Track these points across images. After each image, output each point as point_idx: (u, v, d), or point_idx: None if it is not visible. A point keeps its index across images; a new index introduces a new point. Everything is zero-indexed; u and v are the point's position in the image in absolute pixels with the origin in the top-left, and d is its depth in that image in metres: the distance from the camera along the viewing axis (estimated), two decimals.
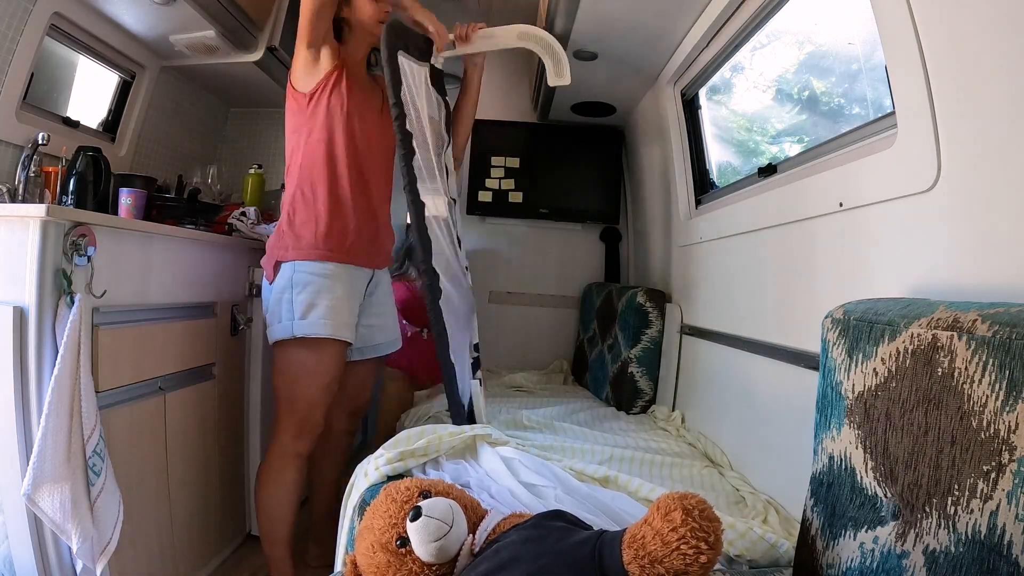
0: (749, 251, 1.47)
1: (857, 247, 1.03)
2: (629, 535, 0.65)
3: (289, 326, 1.41)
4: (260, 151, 2.61)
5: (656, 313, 1.94)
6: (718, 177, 1.91)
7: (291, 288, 1.42)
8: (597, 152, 2.62)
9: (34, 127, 1.63)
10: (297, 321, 1.41)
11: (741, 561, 0.94)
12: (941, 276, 0.83)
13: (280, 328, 1.43)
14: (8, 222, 1.08)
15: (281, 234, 1.46)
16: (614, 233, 2.69)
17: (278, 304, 1.43)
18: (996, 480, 0.52)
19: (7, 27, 1.52)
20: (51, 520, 1.02)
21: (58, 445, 1.02)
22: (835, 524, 0.74)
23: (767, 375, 1.31)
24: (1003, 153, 0.73)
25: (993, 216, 0.75)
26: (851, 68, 1.35)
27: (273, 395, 1.50)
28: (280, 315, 1.43)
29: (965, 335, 0.58)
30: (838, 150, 1.17)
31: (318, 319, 1.41)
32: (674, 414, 1.80)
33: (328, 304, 1.42)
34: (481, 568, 0.71)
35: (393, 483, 0.86)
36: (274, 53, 2.11)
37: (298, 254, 1.43)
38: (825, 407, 0.78)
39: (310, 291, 1.41)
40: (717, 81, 1.84)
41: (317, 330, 1.41)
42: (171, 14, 1.81)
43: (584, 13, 1.58)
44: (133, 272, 1.31)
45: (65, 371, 1.03)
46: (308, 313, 1.41)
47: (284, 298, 1.42)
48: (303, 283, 1.42)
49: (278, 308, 1.43)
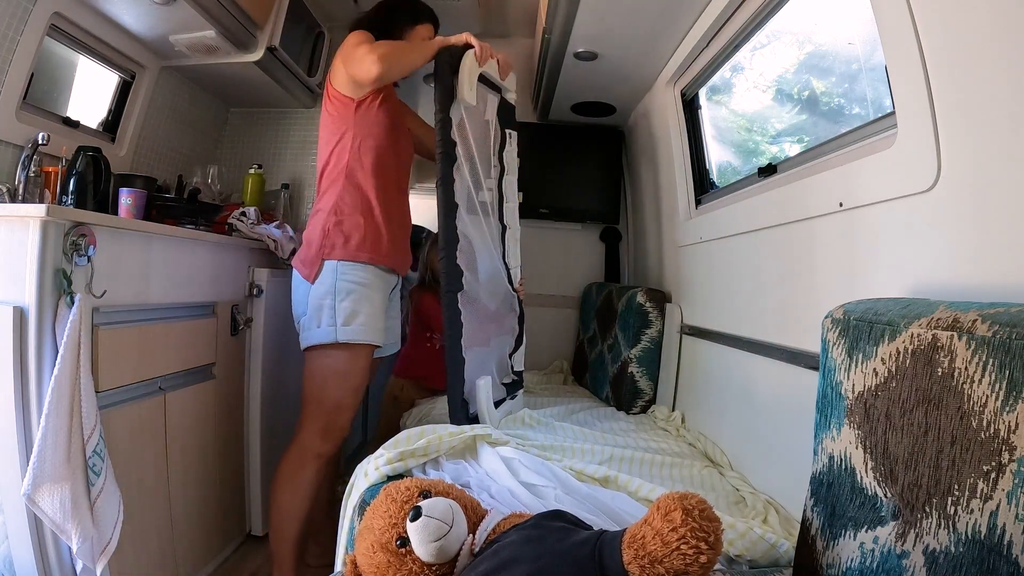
0: (749, 251, 1.47)
1: (857, 247, 1.03)
2: (629, 535, 0.65)
3: (332, 332, 1.45)
4: (260, 151, 2.60)
5: (656, 313, 1.94)
6: (718, 177, 1.91)
7: (333, 295, 1.46)
8: (597, 152, 2.62)
9: (34, 127, 1.63)
10: (341, 328, 1.45)
11: (741, 561, 0.94)
12: (941, 276, 0.83)
13: (321, 333, 1.46)
14: (8, 222, 1.08)
15: (327, 232, 1.48)
16: (614, 233, 2.69)
17: (319, 310, 1.46)
18: (996, 480, 0.52)
19: (7, 27, 1.52)
20: (51, 520, 1.02)
21: (58, 445, 1.02)
22: (835, 524, 0.73)
23: (767, 375, 1.31)
24: (1003, 153, 0.73)
25: (993, 216, 0.75)
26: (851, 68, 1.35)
27: (302, 396, 1.52)
28: (321, 320, 1.46)
29: (965, 335, 0.58)
30: (838, 150, 1.17)
31: (359, 327, 1.46)
32: (674, 414, 1.80)
33: (368, 312, 1.48)
34: (481, 568, 0.71)
35: (393, 483, 0.86)
36: (274, 53, 2.11)
37: (345, 253, 1.47)
38: (825, 407, 0.78)
39: (353, 299, 1.46)
40: (717, 81, 1.84)
41: (360, 337, 1.47)
42: (171, 14, 1.81)
43: (584, 13, 1.58)
44: (133, 272, 1.31)
45: (65, 371, 1.03)
46: (352, 320, 1.46)
47: (326, 304, 1.46)
48: (346, 291, 1.46)
49: (318, 313, 1.46)
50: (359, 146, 1.52)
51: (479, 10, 2.33)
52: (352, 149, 1.52)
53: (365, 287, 1.48)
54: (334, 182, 1.52)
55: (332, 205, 1.50)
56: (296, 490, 1.49)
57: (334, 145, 1.53)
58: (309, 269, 1.48)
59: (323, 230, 1.49)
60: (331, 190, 1.52)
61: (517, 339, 1.72)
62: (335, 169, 1.53)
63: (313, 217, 1.55)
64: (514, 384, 1.67)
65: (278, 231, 1.91)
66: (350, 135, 1.52)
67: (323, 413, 1.48)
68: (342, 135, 1.52)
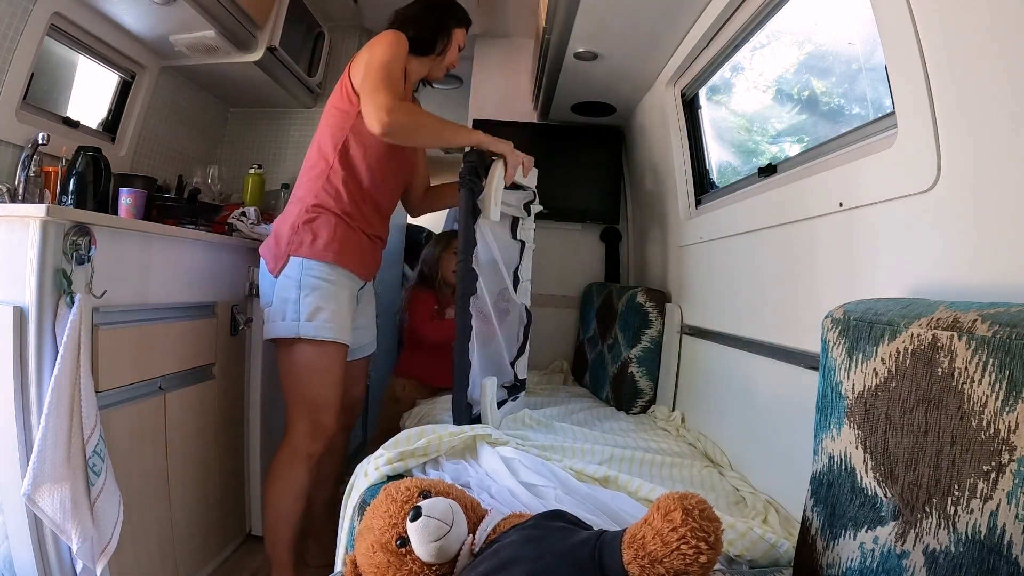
0: (749, 251, 1.47)
1: (857, 247, 1.03)
2: (629, 535, 0.65)
3: (295, 326, 1.43)
4: (260, 151, 2.61)
5: (656, 313, 1.94)
6: (718, 177, 1.91)
7: (298, 289, 1.44)
8: (597, 152, 2.62)
9: (34, 127, 1.63)
10: (303, 323, 1.43)
11: (741, 561, 0.94)
12: (941, 276, 0.83)
13: (283, 326, 1.44)
14: (8, 222, 1.08)
15: (296, 228, 1.46)
16: (614, 233, 2.69)
17: (283, 303, 1.44)
18: (996, 480, 0.52)
19: (7, 27, 1.52)
20: (51, 520, 1.02)
21: (58, 445, 1.02)
22: (835, 524, 0.73)
23: (767, 375, 1.31)
24: (1003, 153, 0.73)
25: (993, 216, 0.75)
26: (851, 68, 1.35)
27: (284, 397, 1.51)
28: (284, 313, 1.44)
29: (965, 335, 0.58)
30: (838, 150, 1.17)
31: (323, 323, 1.44)
32: (674, 414, 1.80)
33: (333, 309, 1.46)
34: (481, 568, 0.71)
35: (393, 483, 0.86)
36: (274, 53, 2.11)
37: (312, 252, 1.44)
38: (825, 407, 0.78)
39: (317, 295, 1.44)
40: (717, 81, 1.84)
41: (323, 333, 1.44)
42: (171, 14, 1.81)
43: (584, 13, 1.58)
44: (133, 272, 1.31)
45: (65, 371, 1.03)
46: (314, 316, 1.44)
47: (290, 298, 1.44)
48: (311, 286, 1.44)
49: (282, 307, 1.44)
50: (356, 146, 1.48)
51: (479, 10, 2.33)
52: (345, 148, 1.48)
53: (331, 284, 1.46)
54: (317, 177, 1.49)
55: (308, 200, 1.47)
56: (287, 491, 1.48)
57: (328, 137, 1.50)
58: (275, 263, 1.46)
59: (292, 226, 1.46)
60: (311, 185, 1.49)
61: (520, 348, 1.72)
62: (320, 164, 1.49)
63: (289, 206, 1.52)
64: (514, 387, 1.68)
65: None
66: (347, 135, 1.48)
67: (306, 413, 1.47)
68: (340, 131, 1.48)
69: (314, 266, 1.44)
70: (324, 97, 2.51)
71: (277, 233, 1.50)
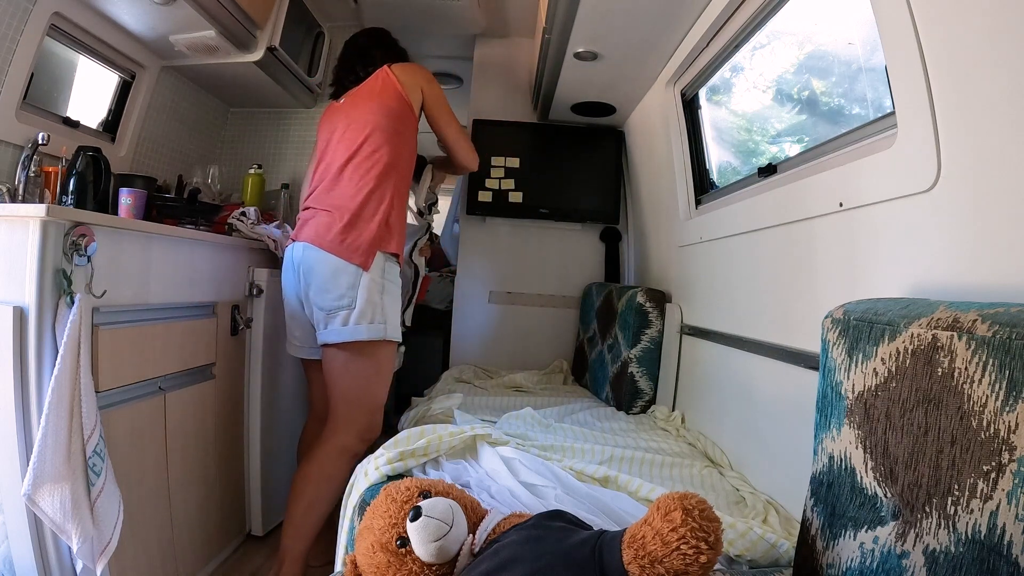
0: (749, 251, 1.47)
1: (857, 247, 1.03)
2: (629, 535, 0.65)
3: (382, 328, 1.46)
4: (260, 151, 2.61)
5: (656, 313, 1.94)
6: (718, 177, 1.91)
7: (382, 291, 1.48)
8: (597, 152, 2.62)
9: (34, 127, 1.63)
10: (389, 326, 1.48)
11: (741, 561, 0.94)
12: (941, 276, 0.83)
13: (372, 329, 1.45)
14: (8, 222, 1.08)
15: (382, 225, 1.51)
16: (614, 233, 2.69)
17: (369, 303, 1.45)
18: (996, 480, 0.52)
19: (7, 27, 1.52)
20: (51, 520, 1.02)
21: (58, 445, 1.02)
22: (835, 524, 0.74)
23: (767, 375, 1.31)
24: (1003, 153, 0.73)
25: (993, 216, 0.75)
26: (851, 68, 1.35)
27: (336, 395, 1.51)
28: (372, 315, 1.46)
29: (965, 335, 0.58)
30: (838, 150, 1.17)
31: (397, 325, 1.52)
32: (674, 414, 1.80)
33: (397, 311, 1.54)
34: (481, 568, 0.71)
35: (393, 483, 0.86)
36: (274, 53, 2.11)
37: (396, 248, 1.53)
38: (825, 407, 0.78)
39: (393, 297, 1.51)
40: (717, 81, 1.84)
41: (397, 336, 1.52)
42: (171, 14, 1.81)
43: (584, 13, 1.58)
44: (133, 272, 1.31)
45: (65, 371, 1.03)
46: (393, 319, 1.50)
47: (376, 300, 1.47)
48: (390, 290, 1.51)
49: (369, 308, 1.45)
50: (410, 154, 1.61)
51: (479, 10, 2.33)
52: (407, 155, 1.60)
53: (396, 286, 1.54)
54: (386, 180, 1.54)
55: (386, 200, 1.53)
56: (330, 486, 1.49)
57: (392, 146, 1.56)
58: (364, 257, 1.44)
59: (382, 222, 1.49)
60: (383, 185, 1.54)
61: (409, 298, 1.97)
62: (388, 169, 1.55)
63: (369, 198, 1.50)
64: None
65: (278, 231, 1.91)
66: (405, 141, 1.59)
67: (365, 414, 1.49)
68: (400, 138, 1.58)
69: (391, 266, 1.52)
70: (324, 97, 2.51)
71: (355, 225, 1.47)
